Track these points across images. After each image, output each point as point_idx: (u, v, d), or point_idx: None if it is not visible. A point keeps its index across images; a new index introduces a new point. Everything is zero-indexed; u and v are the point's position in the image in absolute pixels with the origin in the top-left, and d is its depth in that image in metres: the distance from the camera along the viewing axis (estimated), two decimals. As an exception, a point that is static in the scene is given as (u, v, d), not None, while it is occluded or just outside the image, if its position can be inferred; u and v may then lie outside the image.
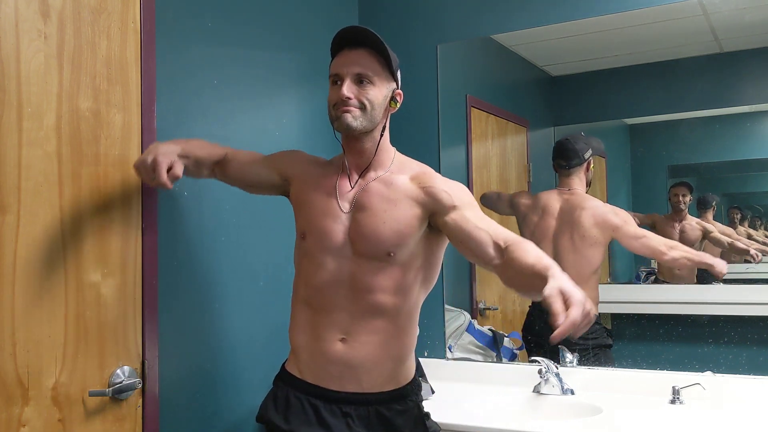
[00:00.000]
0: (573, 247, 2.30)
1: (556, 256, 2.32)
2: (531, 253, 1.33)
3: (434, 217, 1.51)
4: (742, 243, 2.19)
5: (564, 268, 2.31)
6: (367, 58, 1.50)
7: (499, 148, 2.63)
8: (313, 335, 1.55)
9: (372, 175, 1.56)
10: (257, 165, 1.71)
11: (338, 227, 1.53)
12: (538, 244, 2.33)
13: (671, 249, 2.21)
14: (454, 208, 1.49)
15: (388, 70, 1.53)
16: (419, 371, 1.66)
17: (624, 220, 2.27)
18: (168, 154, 1.59)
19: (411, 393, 1.57)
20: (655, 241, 2.23)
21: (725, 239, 2.22)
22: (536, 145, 2.55)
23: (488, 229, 1.45)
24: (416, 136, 1.90)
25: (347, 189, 1.56)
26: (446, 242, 1.58)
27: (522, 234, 2.45)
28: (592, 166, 2.40)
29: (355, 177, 1.57)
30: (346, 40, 1.51)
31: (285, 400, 1.57)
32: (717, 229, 2.24)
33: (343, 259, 1.52)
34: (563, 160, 2.39)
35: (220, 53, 2.01)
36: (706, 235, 2.24)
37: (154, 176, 1.56)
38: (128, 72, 1.68)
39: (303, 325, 1.58)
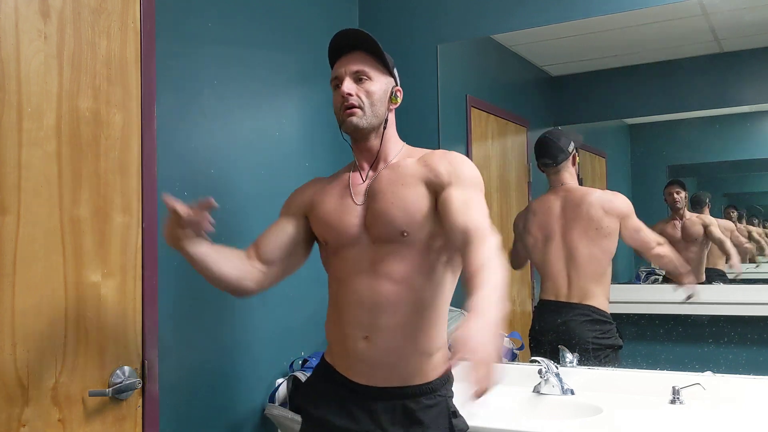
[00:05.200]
0: (588, 242, 2.28)
1: (570, 255, 2.30)
2: (476, 260, 1.25)
3: (435, 194, 1.50)
4: (741, 238, 2.20)
5: (580, 265, 2.24)
6: (362, 57, 1.55)
7: (500, 148, 2.63)
8: (340, 332, 1.56)
9: (382, 165, 1.59)
10: (282, 223, 1.65)
11: (353, 219, 1.54)
12: (546, 247, 2.36)
13: (659, 245, 2.24)
14: (450, 184, 1.48)
15: (384, 66, 1.57)
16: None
17: (630, 209, 2.27)
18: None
19: (441, 387, 1.53)
20: (649, 236, 2.24)
21: (722, 235, 2.22)
22: (536, 145, 2.54)
23: (467, 214, 1.40)
24: (416, 136, 1.91)
25: (359, 183, 1.59)
26: None
27: (527, 240, 2.44)
28: (578, 159, 2.39)
29: (366, 170, 1.60)
30: (342, 46, 1.57)
31: (318, 388, 1.60)
32: (717, 224, 2.24)
33: (361, 248, 1.52)
34: (548, 158, 2.37)
35: (220, 53, 2.01)
36: (706, 229, 2.24)
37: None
38: (128, 72, 1.68)
39: (333, 320, 1.59)
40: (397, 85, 1.61)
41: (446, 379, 1.56)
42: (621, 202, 2.28)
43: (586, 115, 2.45)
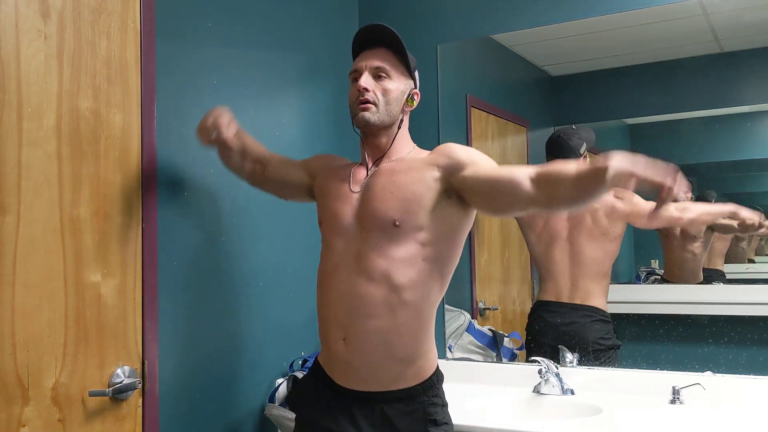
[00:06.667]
0: (594, 245, 2.28)
1: (575, 256, 2.30)
2: (568, 164, 1.33)
3: (453, 176, 1.48)
4: (747, 212, 2.11)
5: (585, 267, 2.21)
6: (384, 54, 1.56)
7: (499, 148, 2.63)
8: (324, 331, 1.56)
9: (386, 161, 1.58)
10: (292, 166, 1.77)
11: (347, 208, 1.54)
12: (550, 247, 2.36)
13: (684, 211, 2.16)
14: (472, 163, 1.48)
15: (405, 67, 1.58)
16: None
17: (631, 202, 2.25)
18: (226, 115, 1.72)
19: (421, 394, 1.49)
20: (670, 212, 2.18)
21: (730, 221, 2.17)
22: (536, 145, 2.54)
23: (513, 168, 1.43)
24: (416, 136, 1.92)
25: (361, 175, 1.59)
26: (464, 225, 1.52)
27: (530, 237, 2.43)
28: (588, 159, 2.38)
29: (371, 165, 1.59)
30: (367, 41, 1.57)
31: (307, 387, 1.60)
32: None
33: (350, 240, 1.51)
34: (559, 159, 2.36)
35: (220, 53, 2.01)
36: (711, 225, 2.23)
37: (214, 134, 1.68)
38: (128, 72, 1.68)
39: (319, 318, 1.59)
40: (415, 87, 1.61)
41: (429, 385, 1.52)
42: (620, 204, 2.26)
43: (586, 115, 2.45)
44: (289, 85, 2.31)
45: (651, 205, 2.17)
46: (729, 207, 2.12)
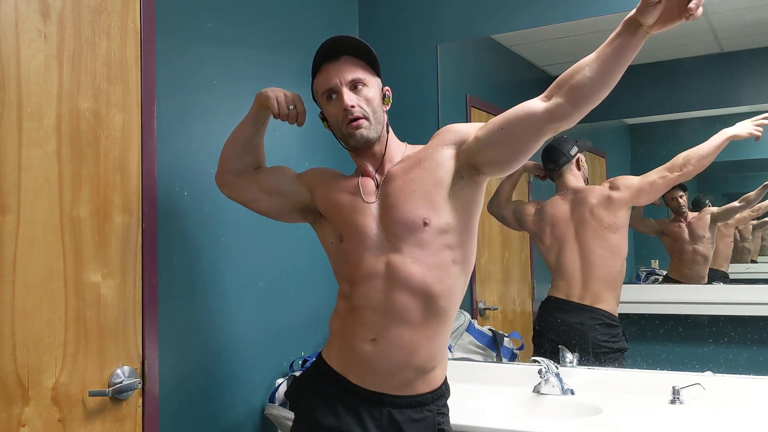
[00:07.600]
0: (600, 241, 2.28)
1: (585, 259, 2.30)
2: (571, 68, 1.35)
3: (464, 144, 1.48)
4: (738, 128, 2.09)
5: (595, 267, 2.21)
6: (352, 62, 1.52)
7: (499, 148, 2.63)
8: (347, 329, 1.52)
9: (389, 166, 1.56)
10: (285, 176, 1.70)
11: (369, 220, 1.51)
12: (561, 253, 2.37)
13: (684, 166, 2.14)
14: (478, 126, 1.50)
15: (372, 69, 1.55)
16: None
17: (624, 186, 2.25)
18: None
19: (431, 402, 1.50)
20: (660, 174, 2.18)
21: (735, 204, 2.18)
22: (536, 145, 2.55)
23: (514, 107, 1.44)
24: (416, 137, 1.92)
25: (369, 185, 1.55)
26: (477, 207, 1.52)
27: (540, 247, 2.43)
28: (582, 162, 2.39)
29: (374, 174, 1.56)
30: (326, 54, 1.53)
31: (308, 382, 1.58)
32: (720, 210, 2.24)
33: (379, 252, 1.48)
34: (551, 162, 2.40)
35: (220, 53, 2.01)
36: (713, 215, 2.23)
37: (292, 108, 1.63)
38: (128, 72, 1.68)
39: (342, 313, 1.56)
40: (383, 84, 1.59)
41: (439, 394, 1.52)
42: (612, 192, 2.27)
43: (586, 115, 2.44)
44: (289, 84, 2.30)
45: (645, 177, 2.20)
46: (721, 137, 2.10)
